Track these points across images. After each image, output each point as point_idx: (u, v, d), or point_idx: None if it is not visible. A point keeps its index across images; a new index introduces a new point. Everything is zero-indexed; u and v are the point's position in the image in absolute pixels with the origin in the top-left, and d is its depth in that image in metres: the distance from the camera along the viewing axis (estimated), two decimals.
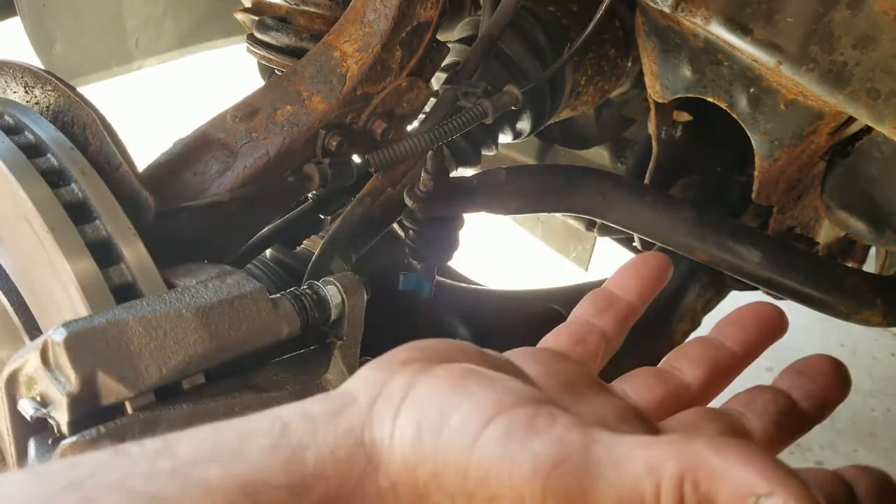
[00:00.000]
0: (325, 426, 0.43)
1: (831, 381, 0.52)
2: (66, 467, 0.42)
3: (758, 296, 1.22)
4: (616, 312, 0.57)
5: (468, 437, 0.41)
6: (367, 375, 0.46)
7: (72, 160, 0.75)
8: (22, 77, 0.84)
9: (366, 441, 0.43)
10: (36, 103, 0.84)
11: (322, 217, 1.13)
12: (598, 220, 1.10)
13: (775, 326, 0.56)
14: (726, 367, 0.54)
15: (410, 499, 0.42)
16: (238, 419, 0.44)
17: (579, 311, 0.58)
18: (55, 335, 0.62)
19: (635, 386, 0.53)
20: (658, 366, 0.57)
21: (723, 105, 1.05)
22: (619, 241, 1.56)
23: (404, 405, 0.43)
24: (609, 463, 0.39)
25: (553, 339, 0.57)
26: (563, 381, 0.50)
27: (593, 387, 0.51)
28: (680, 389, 0.53)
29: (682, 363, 0.55)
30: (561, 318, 0.62)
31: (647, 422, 0.50)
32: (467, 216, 1.06)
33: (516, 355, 0.52)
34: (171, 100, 3.61)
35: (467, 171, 1.17)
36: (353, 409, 0.44)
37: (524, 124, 1.23)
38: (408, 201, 1.01)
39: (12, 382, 0.65)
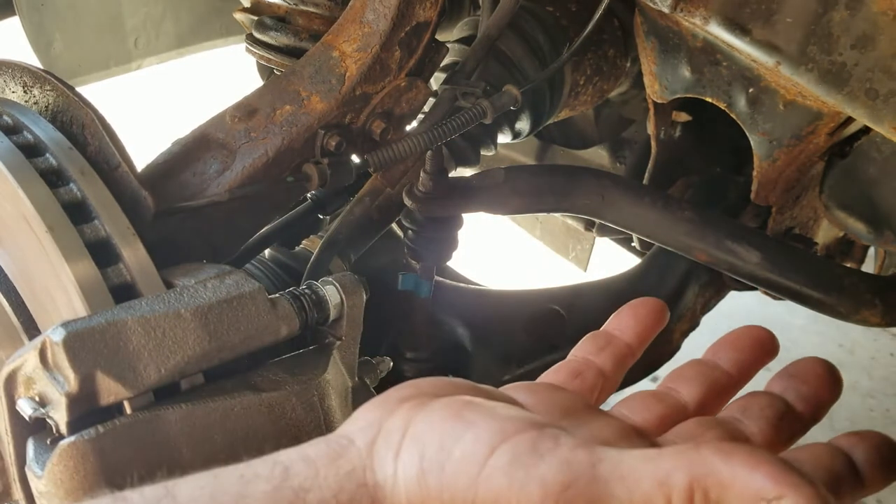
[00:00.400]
0: (326, 469, 0.43)
1: (824, 382, 0.53)
2: None
3: (757, 296, 1.22)
4: (614, 351, 0.58)
5: (473, 469, 0.41)
6: (364, 416, 0.47)
7: (70, 160, 0.75)
8: (21, 77, 0.84)
9: (368, 482, 0.43)
10: (35, 103, 0.84)
11: (321, 217, 1.13)
12: (597, 220, 1.10)
13: (768, 349, 0.56)
14: (722, 387, 0.54)
15: None
16: (237, 465, 0.44)
17: (578, 350, 0.59)
18: (54, 335, 0.61)
19: (633, 407, 0.53)
20: (655, 389, 0.57)
21: (721, 105, 1.05)
22: (618, 241, 1.56)
23: (405, 443, 0.44)
24: (618, 480, 0.39)
25: (551, 375, 0.58)
26: (561, 408, 0.50)
27: (591, 412, 0.51)
28: (678, 408, 0.53)
29: (679, 383, 0.55)
30: (560, 318, 0.62)
31: (647, 438, 0.50)
32: (466, 216, 1.06)
33: (512, 389, 0.52)
34: (170, 100, 3.61)
35: (466, 171, 1.17)
36: (352, 452, 0.44)
37: (523, 124, 1.23)
38: (407, 201, 1.01)
39: (11, 382, 0.65)
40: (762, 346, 0.56)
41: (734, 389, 0.55)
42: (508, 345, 1.17)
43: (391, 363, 0.88)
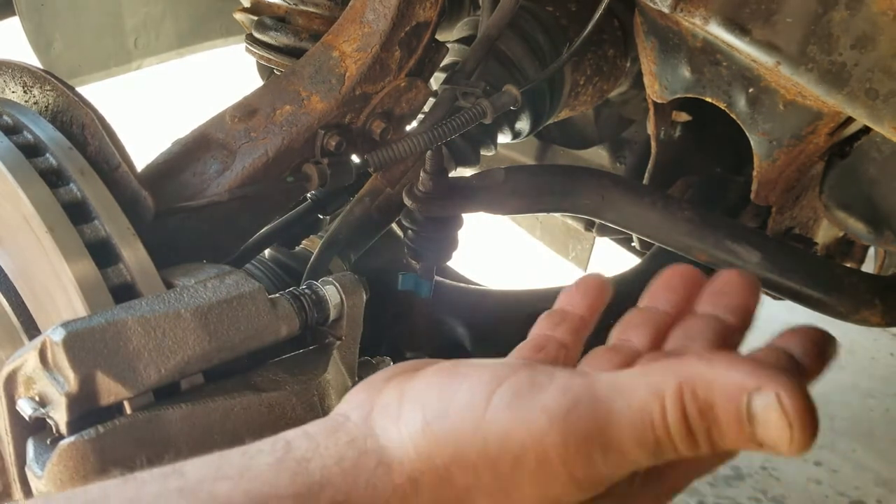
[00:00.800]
0: (326, 441, 0.45)
1: (746, 290, 0.54)
2: (80, 493, 0.43)
3: None
4: (570, 325, 0.59)
5: (476, 411, 0.43)
6: (354, 398, 0.49)
7: (70, 160, 0.75)
8: (21, 77, 0.84)
9: (370, 448, 0.45)
10: (35, 103, 0.84)
11: (321, 217, 1.13)
12: (597, 221, 1.10)
13: (697, 282, 0.57)
14: (666, 326, 0.56)
15: (433, 486, 0.44)
16: (241, 446, 0.46)
17: (536, 329, 0.60)
18: (54, 335, 0.61)
19: (594, 363, 0.55)
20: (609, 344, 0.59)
21: (721, 105, 1.05)
22: (618, 241, 1.56)
23: (403, 407, 0.46)
24: (616, 395, 0.42)
25: (515, 354, 0.59)
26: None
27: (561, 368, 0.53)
28: (633, 355, 0.55)
29: (628, 333, 0.57)
30: None
31: None
32: (466, 216, 1.06)
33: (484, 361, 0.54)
34: (170, 100, 3.61)
35: (466, 171, 1.17)
36: (349, 425, 0.47)
37: (523, 124, 1.23)
38: (407, 201, 1.01)
39: (11, 382, 0.65)
40: (692, 282, 0.58)
41: (670, 323, 0.57)
42: (508, 345, 1.16)
43: (391, 363, 0.88)
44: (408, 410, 0.46)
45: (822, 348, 0.51)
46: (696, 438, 0.41)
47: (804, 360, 0.50)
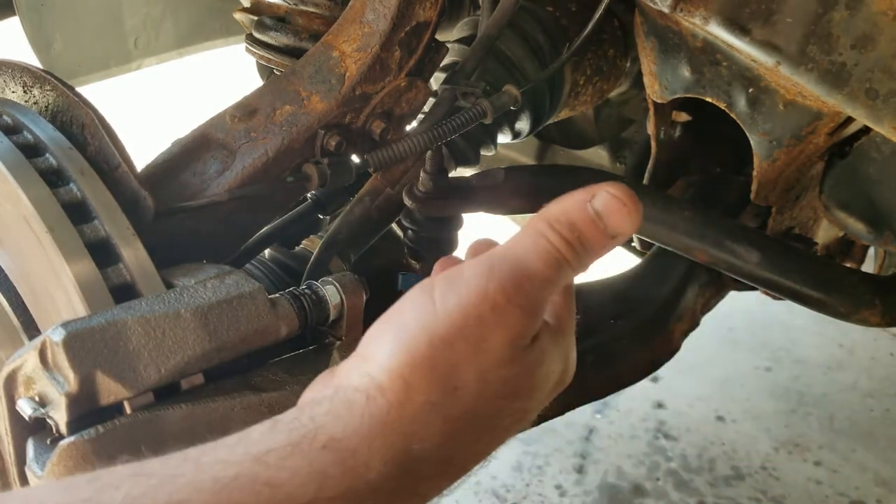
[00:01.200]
0: (311, 407, 0.52)
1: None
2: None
3: (757, 295, 1.22)
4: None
5: (427, 307, 0.55)
6: (314, 385, 0.58)
7: (70, 160, 0.75)
8: (20, 77, 0.84)
9: (352, 394, 0.52)
10: (34, 103, 0.84)
11: (321, 217, 1.13)
12: None
13: None
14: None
15: (423, 379, 0.53)
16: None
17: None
18: (54, 335, 0.61)
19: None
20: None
21: (721, 105, 1.05)
22: None
23: (367, 351, 0.55)
24: (513, 249, 0.57)
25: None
26: None
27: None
28: None
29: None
30: None
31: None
32: (466, 216, 1.06)
33: None
34: (170, 100, 3.61)
35: (466, 171, 1.17)
36: (325, 391, 0.54)
37: (523, 124, 1.23)
38: (407, 201, 1.01)
39: (11, 382, 0.65)
40: None
41: None
42: None
43: None
44: (372, 347, 0.55)
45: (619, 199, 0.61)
46: (576, 249, 0.57)
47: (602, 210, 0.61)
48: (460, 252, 0.73)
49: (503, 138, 1.25)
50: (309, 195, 1.11)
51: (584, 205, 0.57)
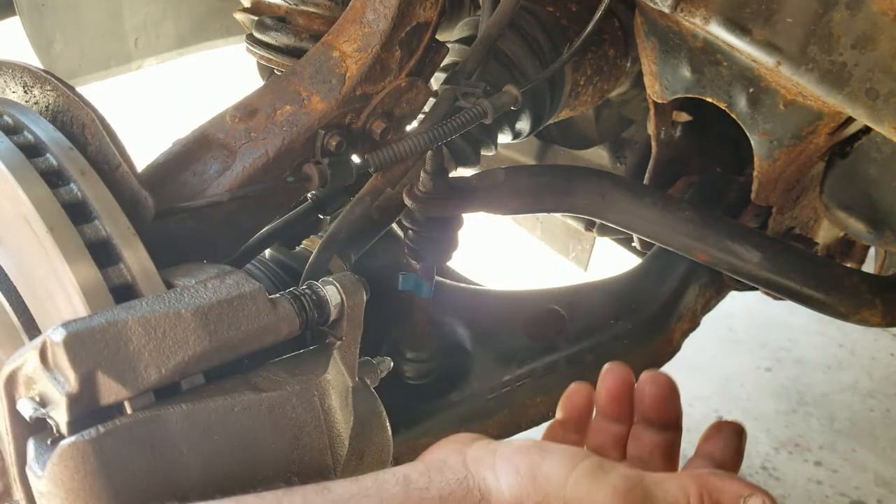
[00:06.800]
0: (436, 476, 0.61)
1: (665, 399, 0.75)
2: None
3: (757, 296, 1.22)
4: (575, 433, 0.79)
5: (560, 479, 0.61)
6: (443, 448, 0.67)
7: (71, 160, 0.75)
8: (21, 77, 0.84)
9: (472, 486, 0.61)
10: (35, 103, 0.84)
11: (321, 217, 1.13)
12: (598, 221, 1.11)
13: (631, 383, 0.77)
14: (623, 440, 0.77)
15: None
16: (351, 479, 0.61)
17: (548, 434, 0.78)
18: (54, 335, 0.61)
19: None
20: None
21: (722, 105, 1.05)
22: (619, 241, 1.56)
23: (497, 462, 0.62)
24: (658, 487, 0.61)
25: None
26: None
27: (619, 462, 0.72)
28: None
29: (602, 452, 0.75)
30: (560, 318, 0.65)
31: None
32: (466, 216, 1.06)
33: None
34: (170, 100, 3.61)
35: (467, 172, 1.17)
36: (451, 467, 0.62)
37: (523, 124, 1.23)
38: (407, 201, 1.01)
39: (11, 382, 0.65)
40: (628, 384, 0.77)
41: (626, 435, 0.77)
42: (509, 345, 1.17)
43: (392, 363, 0.88)
44: (502, 466, 0.62)
45: (735, 446, 0.74)
46: None
47: (725, 462, 0.72)
48: None
49: (503, 138, 1.25)
50: (309, 195, 1.11)
51: (739, 498, 0.61)
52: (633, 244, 1.43)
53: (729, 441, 0.74)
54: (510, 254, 2.73)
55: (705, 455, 0.73)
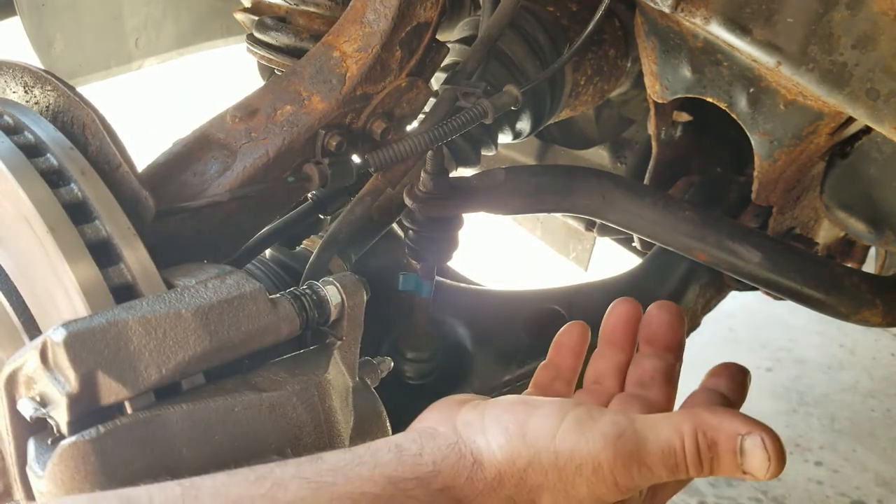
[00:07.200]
0: (428, 444, 0.61)
1: (672, 327, 0.76)
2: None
3: (758, 296, 1.22)
4: (563, 377, 0.79)
5: (549, 431, 0.60)
6: (432, 415, 0.66)
7: (71, 160, 0.75)
8: (21, 77, 0.84)
9: (465, 451, 0.61)
10: (35, 103, 0.84)
11: (322, 217, 1.13)
12: (598, 221, 1.10)
13: (638, 316, 0.78)
14: (624, 369, 0.77)
15: (513, 482, 0.60)
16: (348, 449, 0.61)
17: (536, 378, 0.80)
18: (54, 335, 0.61)
19: (585, 399, 0.76)
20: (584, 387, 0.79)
21: (722, 105, 1.05)
22: (619, 241, 1.56)
23: (486, 424, 0.62)
24: (649, 431, 0.60)
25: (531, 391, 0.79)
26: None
27: (608, 409, 0.70)
28: (609, 397, 0.75)
29: (600, 380, 0.78)
30: (561, 318, 0.66)
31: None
32: (467, 216, 1.06)
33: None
34: (171, 100, 3.61)
35: (467, 172, 1.17)
36: (442, 434, 0.63)
37: (524, 124, 1.23)
38: (407, 201, 1.01)
39: (12, 382, 0.65)
40: (634, 317, 0.78)
41: (627, 365, 0.77)
42: (509, 345, 1.17)
43: (392, 363, 0.88)
44: (491, 427, 0.62)
45: (741, 383, 0.73)
46: (702, 464, 0.60)
47: (731, 395, 0.71)
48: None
49: (504, 138, 1.25)
50: (309, 195, 1.11)
51: (737, 437, 0.59)
52: (634, 244, 1.43)
53: (735, 377, 0.73)
54: (510, 254, 2.73)
55: (710, 388, 0.72)
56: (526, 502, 0.61)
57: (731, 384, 0.72)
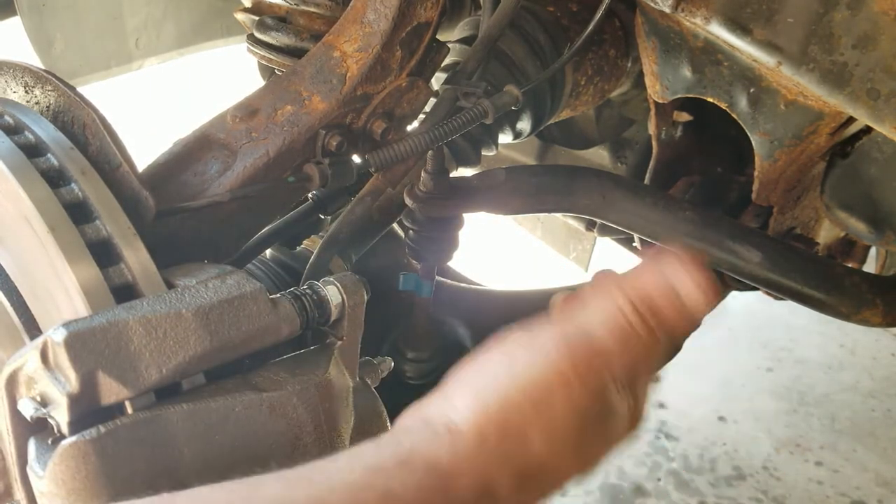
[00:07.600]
0: (405, 435, 0.61)
1: None
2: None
3: (757, 296, 1.22)
4: None
5: (506, 370, 0.61)
6: (404, 419, 0.65)
7: (72, 160, 0.75)
8: (22, 77, 0.84)
9: (438, 428, 0.60)
10: (36, 103, 0.84)
11: (322, 217, 1.13)
12: (598, 221, 1.10)
13: None
14: None
15: (496, 430, 0.60)
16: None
17: None
18: (55, 335, 0.61)
19: None
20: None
21: (723, 105, 1.05)
22: (619, 241, 1.56)
23: (449, 394, 0.63)
24: (592, 318, 0.63)
25: None
26: None
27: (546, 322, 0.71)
28: None
29: None
30: None
31: None
32: (467, 216, 1.06)
33: None
34: (171, 100, 3.61)
35: (467, 171, 1.17)
36: (415, 425, 0.62)
37: (524, 124, 1.23)
38: (408, 201, 1.01)
39: (12, 382, 0.65)
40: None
41: None
42: None
43: (392, 363, 0.88)
44: (454, 394, 0.62)
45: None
46: (649, 323, 0.63)
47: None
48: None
49: (504, 138, 1.25)
50: (310, 195, 1.11)
51: (668, 288, 0.63)
52: (634, 244, 1.43)
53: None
54: (510, 254, 2.72)
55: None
56: (518, 448, 0.60)
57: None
